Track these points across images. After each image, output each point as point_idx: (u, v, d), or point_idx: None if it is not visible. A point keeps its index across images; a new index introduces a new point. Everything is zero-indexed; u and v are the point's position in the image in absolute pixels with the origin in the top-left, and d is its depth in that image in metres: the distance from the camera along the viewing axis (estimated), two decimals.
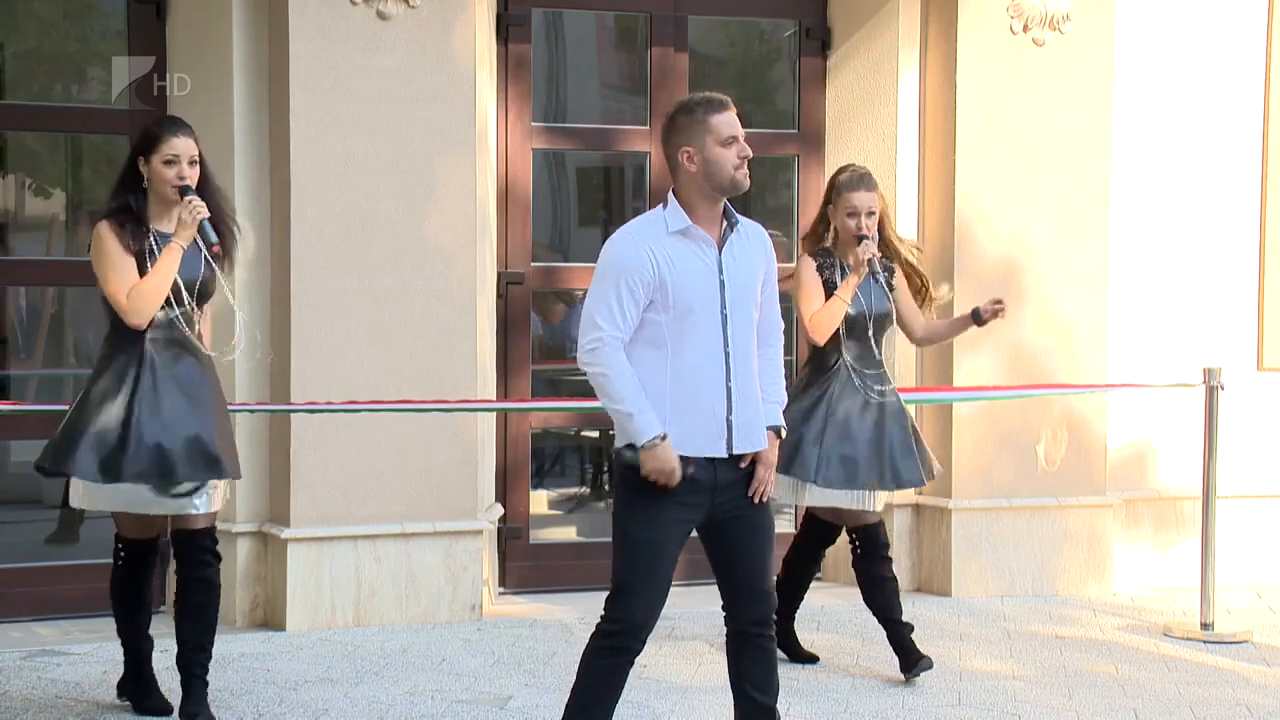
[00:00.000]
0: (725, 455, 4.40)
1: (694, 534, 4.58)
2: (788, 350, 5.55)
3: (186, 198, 5.04)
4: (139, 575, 5.44)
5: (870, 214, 5.96)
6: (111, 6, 7.48)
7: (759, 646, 4.51)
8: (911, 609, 7.31)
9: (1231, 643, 6.79)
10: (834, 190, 6.05)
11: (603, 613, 4.45)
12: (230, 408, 5.60)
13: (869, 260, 5.87)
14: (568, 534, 8.59)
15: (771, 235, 4.64)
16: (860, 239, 5.91)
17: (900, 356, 7.71)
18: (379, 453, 6.82)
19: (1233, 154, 8.08)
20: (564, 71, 9.51)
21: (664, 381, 4.36)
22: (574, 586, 7.45)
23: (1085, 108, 7.64)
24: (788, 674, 4.79)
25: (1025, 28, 7.55)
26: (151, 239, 5.14)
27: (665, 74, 7.67)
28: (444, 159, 6.89)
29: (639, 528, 4.39)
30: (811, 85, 7.93)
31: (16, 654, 6.31)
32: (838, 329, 5.96)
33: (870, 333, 6.03)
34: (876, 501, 6.08)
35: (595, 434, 9.05)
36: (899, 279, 6.19)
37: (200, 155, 5.15)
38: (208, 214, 5.04)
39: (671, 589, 4.48)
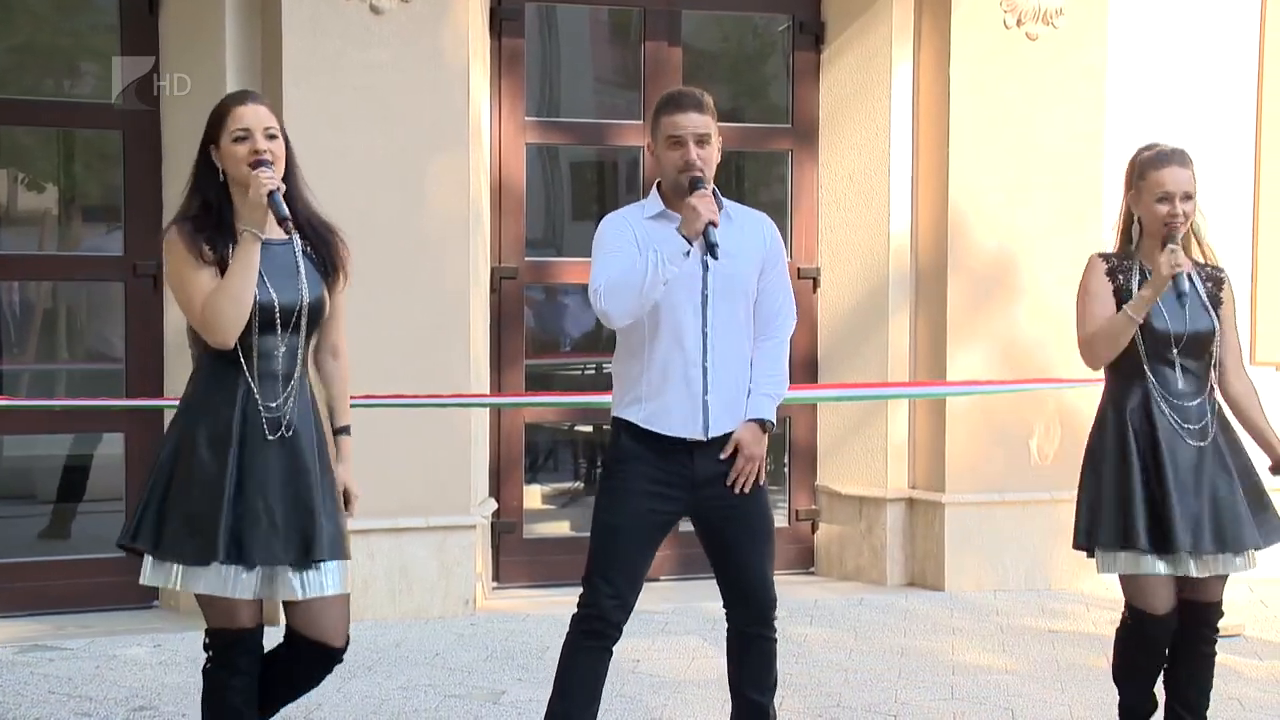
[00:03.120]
0: (703, 438, 4.38)
1: (690, 531, 4.60)
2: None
3: (255, 171, 3.94)
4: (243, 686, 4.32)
5: (1187, 198, 4.63)
6: (104, 1, 7.47)
7: (759, 648, 4.52)
8: (905, 603, 7.34)
9: (1223, 636, 6.75)
10: (1134, 173, 4.75)
11: (578, 599, 4.48)
12: None
13: (1175, 277, 4.50)
14: (561, 528, 8.58)
15: None
16: (1168, 239, 4.59)
17: (892, 349, 7.72)
18: (371, 448, 6.76)
19: (1226, 148, 8.08)
20: (557, 66, 9.49)
21: (642, 361, 4.37)
22: (567, 581, 7.37)
23: (1078, 102, 7.65)
24: (780, 669, 4.79)
25: (1019, 22, 7.55)
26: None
27: (659, 68, 7.66)
28: (437, 153, 6.88)
29: (609, 515, 4.42)
30: (805, 80, 7.93)
31: (9, 649, 6.30)
32: (1136, 353, 4.66)
33: (1175, 356, 4.67)
34: (1182, 566, 4.83)
35: (589, 428, 9.04)
36: (1228, 294, 4.87)
37: (283, 132, 4.06)
38: (279, 185, 3.94)
39: (664, 584, 4.48)
